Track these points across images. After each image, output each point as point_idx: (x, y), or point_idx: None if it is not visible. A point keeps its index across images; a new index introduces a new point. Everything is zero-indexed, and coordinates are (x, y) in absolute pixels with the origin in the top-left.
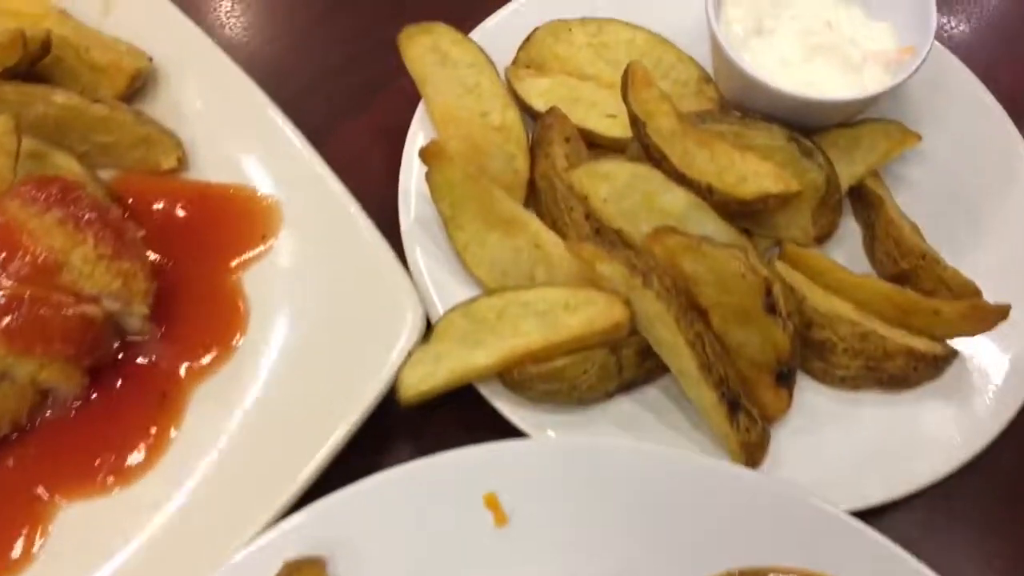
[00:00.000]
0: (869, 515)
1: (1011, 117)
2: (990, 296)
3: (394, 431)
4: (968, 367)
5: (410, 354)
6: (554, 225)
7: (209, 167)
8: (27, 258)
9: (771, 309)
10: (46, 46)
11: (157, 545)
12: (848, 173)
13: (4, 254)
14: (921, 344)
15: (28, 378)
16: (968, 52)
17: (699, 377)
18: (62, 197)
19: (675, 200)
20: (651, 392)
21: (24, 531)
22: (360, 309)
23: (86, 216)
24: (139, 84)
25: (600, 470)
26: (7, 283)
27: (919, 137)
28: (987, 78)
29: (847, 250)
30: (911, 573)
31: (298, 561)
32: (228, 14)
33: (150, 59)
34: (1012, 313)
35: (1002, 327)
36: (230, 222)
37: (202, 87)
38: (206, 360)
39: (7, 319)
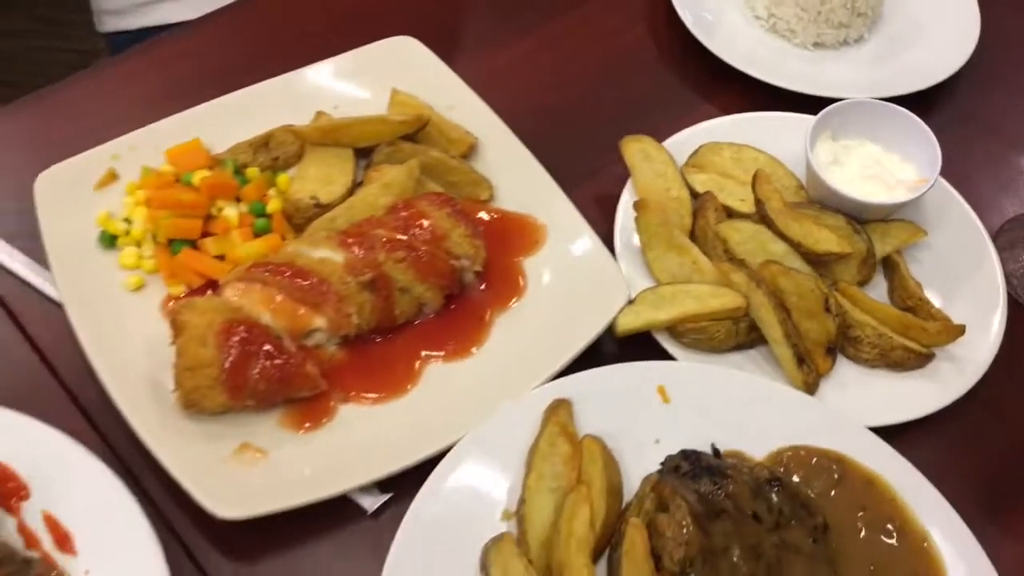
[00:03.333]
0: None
1: (986, 228)
2: None
3: (607, 357)
4: (942, 363)
5: (621, 310)
6: (706, 253)
7: (506, 202)
8: (430, 230)
9: (827, 310)
10: (425, 124)
11: (473, 391)
12: (880, 248)
13: (423, 225)
14: (914, 345)
15: (418, 294)
16: (965, 184)
17: (782, 341)
18: (447, 202)
19: (777, 248)
20: (753, 352)
21: (409, 381)
22: (593, 287)
23: (459, 212)
24: (470, 152)
25: (720, 381)
26: (422, 239)
27: (925, 233)
28: (973, 202)
29: (878, 291)
30: (902, 467)
31: (556, 401)
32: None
33: (476, 138)
34: (967, 334)
35: (961, 342)
36: (518, 232)
37: (503, 157)
38: (507, 304)
39: (418, 260)
